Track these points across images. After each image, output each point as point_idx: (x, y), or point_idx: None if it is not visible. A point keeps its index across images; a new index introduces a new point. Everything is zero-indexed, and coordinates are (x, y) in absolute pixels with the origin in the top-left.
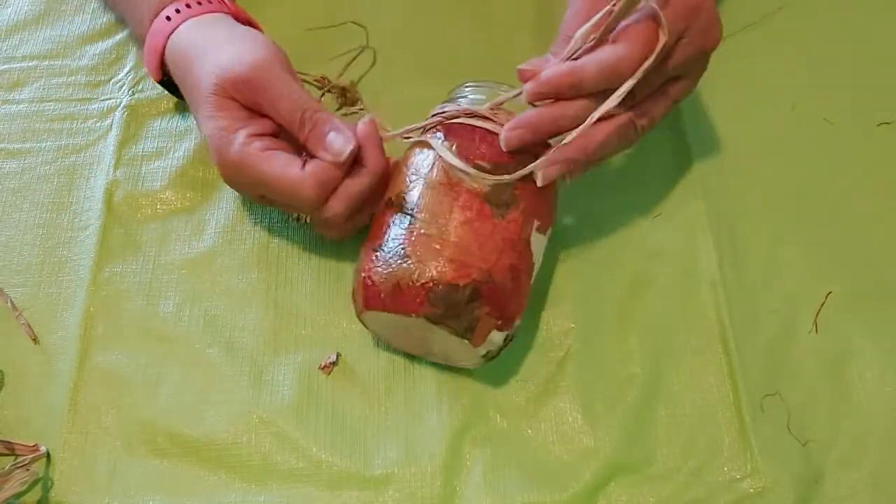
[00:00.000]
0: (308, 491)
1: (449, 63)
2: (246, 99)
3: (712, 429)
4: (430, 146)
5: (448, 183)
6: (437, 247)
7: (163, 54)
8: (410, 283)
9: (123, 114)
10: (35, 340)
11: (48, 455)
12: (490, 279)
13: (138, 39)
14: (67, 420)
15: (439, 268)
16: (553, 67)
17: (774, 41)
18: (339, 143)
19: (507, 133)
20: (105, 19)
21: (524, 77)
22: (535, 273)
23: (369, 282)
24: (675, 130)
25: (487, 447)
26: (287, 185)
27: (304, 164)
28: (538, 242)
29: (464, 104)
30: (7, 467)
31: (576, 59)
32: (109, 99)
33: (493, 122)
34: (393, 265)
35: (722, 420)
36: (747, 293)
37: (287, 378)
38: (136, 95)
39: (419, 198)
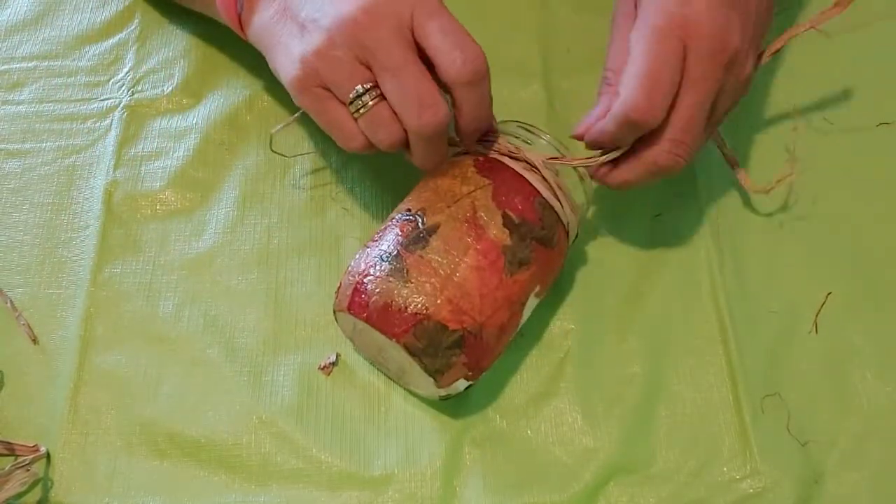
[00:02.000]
0: (308, 491)
1: None
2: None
3: (712, 429)
4: (466, 173)
5: (473, 221)
6: (440, 282)
7: None
8: (401, 308)
9: (123, 114)
10: (35, 341)
11: (48, 455)
12: (479, 332)
13: None
14: (67, 420)
15: (435, 304)
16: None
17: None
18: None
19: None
20: (105, 19)
21: (579, 136)
22: (516, 332)
23: (361, 287)
24: None
25: (487, 447)
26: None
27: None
28: (530, 306)
29: (515, 143)
30: (7, 468)
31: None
32: (109, 99)
33: (539, 175)
34: (391, 283)
35: (722, 420)
36: (747, 294)
37: (287, 378)
38: (135, 95)
39: (440, 225)
